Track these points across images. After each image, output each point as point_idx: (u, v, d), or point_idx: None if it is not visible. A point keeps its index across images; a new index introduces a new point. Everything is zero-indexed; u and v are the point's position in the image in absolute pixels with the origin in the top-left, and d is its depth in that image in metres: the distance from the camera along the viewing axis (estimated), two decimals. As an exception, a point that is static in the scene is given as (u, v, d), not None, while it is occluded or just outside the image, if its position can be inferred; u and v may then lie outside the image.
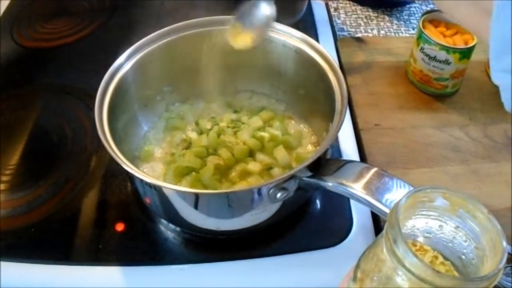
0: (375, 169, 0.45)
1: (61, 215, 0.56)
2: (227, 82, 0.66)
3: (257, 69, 0.63)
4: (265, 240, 0.53)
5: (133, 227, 0.55)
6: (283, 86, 0.64)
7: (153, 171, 0.57)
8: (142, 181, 0.45)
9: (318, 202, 0.58)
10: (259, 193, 0.46)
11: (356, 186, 0.44)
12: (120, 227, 0.55)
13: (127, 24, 0.81)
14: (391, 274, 0.27)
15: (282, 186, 0.45)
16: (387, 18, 0.91)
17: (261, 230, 0.52)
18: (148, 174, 0.55)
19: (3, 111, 0.70)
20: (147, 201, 0.52)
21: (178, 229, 0.55)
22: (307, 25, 0.83)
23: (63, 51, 0.81)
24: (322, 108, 0.56)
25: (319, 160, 0.46)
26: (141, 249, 0.53)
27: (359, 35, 0.86)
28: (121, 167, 0.45)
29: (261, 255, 0.52)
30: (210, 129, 0.59)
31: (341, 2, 0.95)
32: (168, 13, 0.79)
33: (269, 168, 0.55)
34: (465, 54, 0.67)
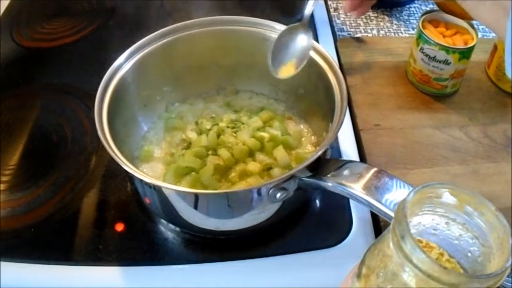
0: (374, 169, 0.45)
1: (61, 215, 0.56)
2: (226, 82, 0.66)
3: (257, 69, 0.63)
4: (264, 240, 0.53)
5: (133, 227, 0.55)
6: (282, 86, 0.64)
7: (153, 171, 0.57)
8: (141, 181, 0.45)
9: (317, 202, 0.58)
10: (259, 193, 0.46)
11: (355, 186, 0.44)
12: (120, 227, 0.55)
13: (127, 24, 0.81)
14: (397, 270, 0.27)
15: (282, 186, 0.45)
16: (386, 18, 0.91)
17: (260, 230, 0.53)
18: (147, 174, 0.55)
19: (3, 111, 0.70)
20: (147, 201, 0.52)
21: (177, 229, 0.55)
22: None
23: (63, 51, 0.81)
24: (322, 108, 0.56)
25: (318, 160, 0.46)
26: (141, 249, 0.53)
27: (358, 35, 0.86)
28: (121, 167, 0.45)
29: (260, 255, 0.52)
30: (210, 129, 0.59)
31: (341, 2, 0.95)
32: (168, 13, 0.79)
33: (268, 168, 0.55)
34: (465, 54, 0.67)
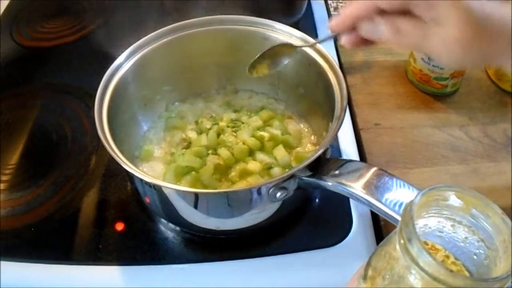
0: (374, 168, 0.45)
1: (61, 215, 0.56)
2: (226, 81, 0.66)
3: (257, 68, 0.63)
4: (264, 240, 0.53)
5: (132, 226, 0.55)
6: (283, 85, 0.64)
7: (153, 170, 0.57)
8: (141, 180, 0.45)
9: (317, 201, 0.58)
10: (259, 193, 0.46)
11: (356, 186, 0.44)
12: (120, 226, 0.55)
13: (126, 24, 0.81)
14: (403, 272, 0.27)
15: (282, 186, 0.45)
16: (387, 18, 0.91)
17: (260, 230, 0.53)
18: (147, 173, 0.55)
19: (3, 110, 0.70)
20: (147, 200, 0.52)
21: (178, 228, 0.55)
22: (307, 25, 0.83)
23: (63, 50, 0.81)
24: (322, 107, 0.56)
25: (318, 160, 0.46)
26: (141, 248, 0.53)
27: (359, 34, 0.86)
28: (121, 167, 0.45)
29: (260, 255, 0.52)
30: (210, 129, 0.59)
31: (340, 1, 0.95)
32: (167, 12, 0.79)
33: (269, 168, 0.55)
34: (465, 53, 0.67)
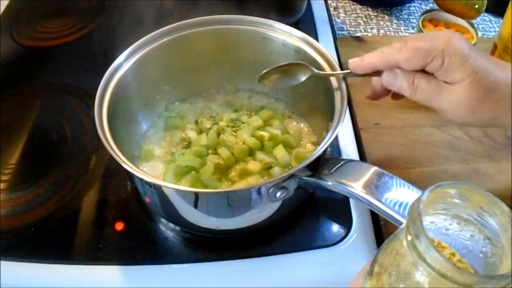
0: (374, 168, 0.45)
1: (61, 214, 0.56)
2: (226, 81, 0.66)
3: (257, 68, 0.63)
4: (264, 239, 0.53)
5: (132, 226, 0.55)
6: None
7: (153, 170, 0.57)
8: (141, 180, 0.45)
9: (317, 201, 0.58)
10: (259, 192, 0.46)
11: (355, 185, 0.44)
12: (119, 226, 0.55)
13: (126, 23, 0.80)
14: (410, 269, 0.27)
15: (282, 185, 0.45)
16: (386, 17, 0.91)
17: (260, 229, 0.53)
18: (147, 173, 0.55)
19: (3, 110, 0.70)
20: (147, 200, 0.52)
21: (177, 228, 0.55)
22: (307, 24, 0.83)
23: (63, 50, 0.81)
24: (321, 107, 0.56)
25: (318, 159, 0.46)
26: (141, 248, 0.53)
27: (358, 34, 0.86)
28: (121, 166, 0.45)
29: (260, 254, 0.52)
30: (210, 128, 0.59)
31: (340, 1, 0.95)
32: (167, 12, 0.79)
33: (268, 167, 0.55)
34: (465, 53, 0.67)
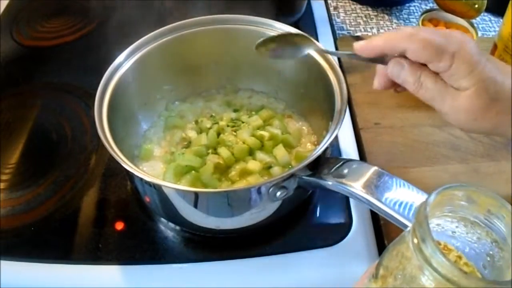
0: (374, 168, 0.45)
1: (61, 214, 0.56)
2: (226, 81, 0.66)
3: (257, 67, 0.63)
4: (264, 239, 0.53)
5: (132, 226, 0.55)
6: (282, 85, 0.64)
7: (153, 169, 0.57)
8: (141, 180, 0.45)
9: (317, 200, 0.58)
10: (259, 192, 0.46)
11: (355, 185, 0.44)
12: (119, 226, 0.55)
13: (126, 23, 0.80)
14: (416, 272, 0.26)
15: (282, 185, 0.45)
16: (386, 17, 0.91)
17: (260, 229, 0.53)
18: (147, 173, 0.55)
19: (3, 110, 0.70)
20: (147, 200, 0.52)
21: (177, 228, 0.55)
22: (307, 24, 0.83)
23: (63, 50, 0.81)
24: (321, 107, 0.56)
25: (318, 159, 0.46)
26: (141, 248, 0.53)
27: (358, 34, 0.86)
28: (121, 166, 0.45)
29: (260, 254, 0.52)
30: (210, 128, 0.59)
31: (340, 1, 0.95)
32: (167, 12, 0.79)
33: (268, 167, 0.55)
34: (465, 53, 0.67)
